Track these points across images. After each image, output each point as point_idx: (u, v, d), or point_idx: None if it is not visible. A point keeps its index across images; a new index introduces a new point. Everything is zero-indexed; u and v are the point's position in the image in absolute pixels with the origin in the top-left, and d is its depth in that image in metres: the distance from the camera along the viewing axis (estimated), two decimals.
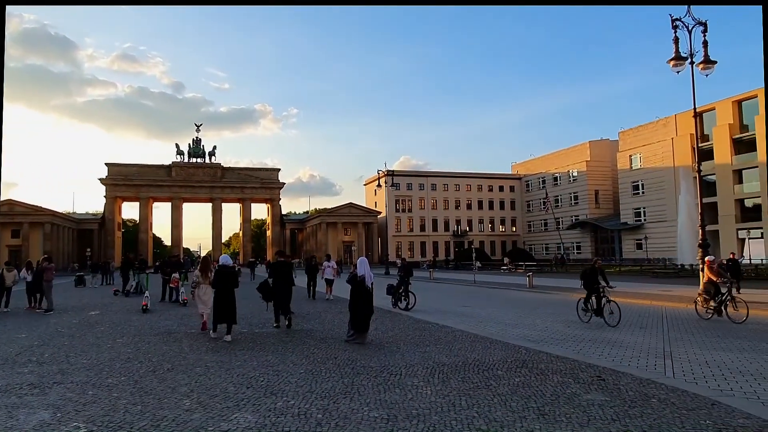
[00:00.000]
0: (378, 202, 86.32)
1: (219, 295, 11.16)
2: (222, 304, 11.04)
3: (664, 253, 55.29)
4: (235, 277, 11.67)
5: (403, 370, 7.80)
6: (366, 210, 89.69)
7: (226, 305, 11.03)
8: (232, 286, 11.27)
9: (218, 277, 11.34)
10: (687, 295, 20.07)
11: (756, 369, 7.98)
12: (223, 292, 11.12)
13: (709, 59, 18.98)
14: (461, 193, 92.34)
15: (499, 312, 17.02)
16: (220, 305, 11.08)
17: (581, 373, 7.49)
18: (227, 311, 11.00)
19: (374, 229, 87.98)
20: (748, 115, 53.61)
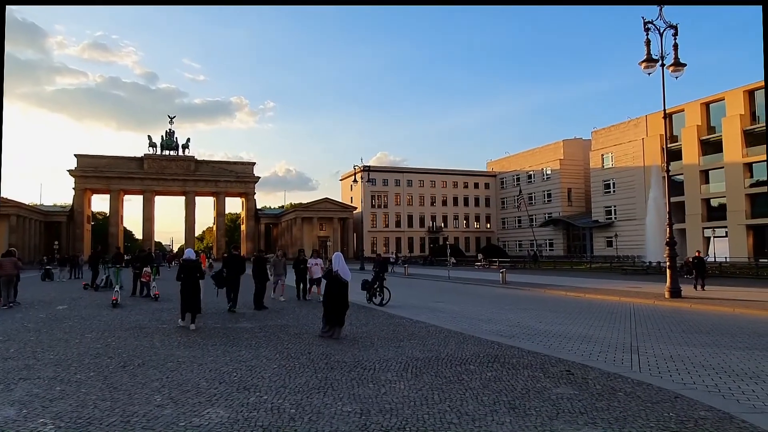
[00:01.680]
0: (354, 197, 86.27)
1: (184, 287, 11.79)
2: (187, 296, 11.71)
3: (634, 251, 56.55)
4: (199, 269, 12.31)
5: (377, 365, 7.84)
6: (342, 205, 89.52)
7: (191, 296, 11.68)
8: (197, 278, 11.89)
9: (182, 270, 11.97)
10: (654, 292, 20.61)
11: (717, 363, 8.25)
12: (188, 284, 11.73)
13: (679, 62, 19.46)
14: (437, 190, 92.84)
15: (473, 308, 17.21)
16: (185, 296, 11.75)
17: (551, 367, 7.64)
18: (192, 302, 11.67)
19: (350, 224, 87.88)
20: (715, 117, 55.11)
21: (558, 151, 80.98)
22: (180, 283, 11.86)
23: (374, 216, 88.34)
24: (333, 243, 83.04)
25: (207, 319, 13.16)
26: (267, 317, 13.73)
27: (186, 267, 11.97)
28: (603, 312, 15.53)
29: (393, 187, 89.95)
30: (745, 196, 51.10)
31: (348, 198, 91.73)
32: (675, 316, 14.51)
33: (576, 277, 33.55)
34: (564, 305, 17.83)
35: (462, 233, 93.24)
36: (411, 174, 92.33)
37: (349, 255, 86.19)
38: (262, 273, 16.00)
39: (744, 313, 15.05)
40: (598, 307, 17.16)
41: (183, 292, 11.80)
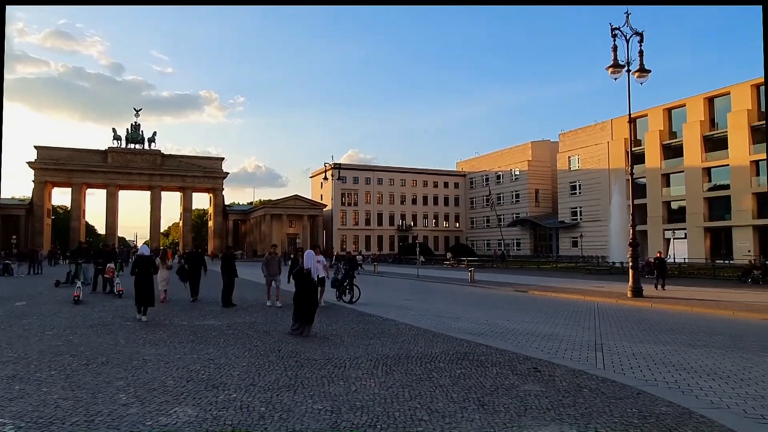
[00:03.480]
0: (324, 195, 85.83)
1: (138, 281, 12.12)
2: (141, 289, 12.10)
3: (598, 251, 57.92)
4: (153, 264, 12.92)
5: (348, 362, 7.84)
6: (312, 202, 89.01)
7: (144, 290, 12.11)
8: (150, 273, 12.41)
9: (136, 265, 12.37)
10: (617, 291, 21.16)
11: (677, 360, 8.53)
12: (142, 278, 12.15)
13: (644, 68, 20.00)
14: (407, 189, 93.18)
15: (442, 306, 17.36)
16: (139, 290, 12.12)
17: (519, 364, 7.77)
18: (146, 295, 12.13)
19: (320, 221, 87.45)
20: (676, 122, 56.88)
21: (526, 153, 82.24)
22: (134, 277, 12.32)
23: (344, 214, 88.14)
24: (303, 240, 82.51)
25: (173, 317, 12.95)
26: (235, 315, 13.57)
27: (140, 262, 12.41)
28: (568, 310, 15.86)
29: (363, 185, 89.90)
30: (704, 200, 52.89)
31: (318, 195, 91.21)
32: (637, 315, 14.92)
33: (542, 277, 34.18)
34: (531, 304, 18.15)
35: (431, 232, 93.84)
36: (381, 172, 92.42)
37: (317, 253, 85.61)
38: (231, 270, 15.81)
39: (702, 312, 15.59)
40: (563, 305, 17.52)
41: (137, 287, 12.18)
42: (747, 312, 15.04)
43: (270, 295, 16.10)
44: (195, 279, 17.26)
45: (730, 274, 31.57)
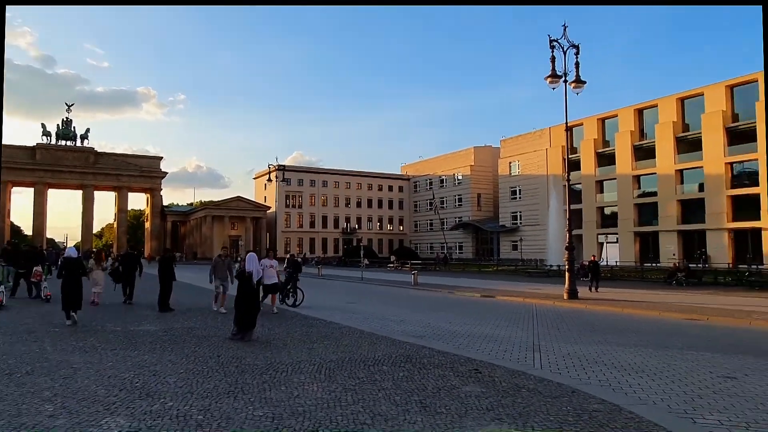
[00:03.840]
0: (268, 196, 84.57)
1: (65, 284, 11.65)
2: (69, 292, 11.71)
3: (537, 254, 59.90)
4: (82, 266, 12.59)
5: (290, 367, 7.73)
6: (255, 204, 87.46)
7: (72, 293, 11.73)
8: (79, 276, 12.09)
9: (64, 267, 11.97)
10: (554, 293, 21.93)
11: (609, 359, 8.92)
12: (70, 280, 11.75)
13: (580, 79, 20.90)
14: (352, 191, 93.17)
15: (385, 308, 17.44)
16: (66, 293, 11.70)
17: (460, 366, 7.90)
18: (74, 298, 11.76)
19: (263, 224, 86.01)
20: (609, 132, 59.70)
21: (469, 158, 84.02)
22: (61, 280, 11.88)
23: (288, 216, 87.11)
24: (245, 243, 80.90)
25: (106, 322, 12.37)
26: (173, 319, 13.11)
27: (67, 265, 12.08)
28: (508, 312, 16.29)
29: (308, 188, 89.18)
30: (634, 206, 55.75)
31: (262, 197, 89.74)
32: (572, 316, 15.52)
33: (484, 279, 34.96)
34: (472, 306, 18.52)
35: (375, 235, 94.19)
36: (326, 175, 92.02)
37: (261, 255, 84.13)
38: (168, 273, 15.28)
39: (631, 313, 16.40)
40: (503, 307, 17.99)
41: (64, 290, 11.77)
42: (672, 312, 15.94)
43: (217, 300, 15.31)
44: (129, 281, 16.98)
45: (657, 277, 33.40)
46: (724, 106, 48.40)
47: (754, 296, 21.83)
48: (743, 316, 14.74)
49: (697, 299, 20.27)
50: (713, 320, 14.54)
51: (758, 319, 14.15)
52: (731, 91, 48.72)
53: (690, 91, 52.01)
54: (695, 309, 16.65)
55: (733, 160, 47.87)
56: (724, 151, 47.94)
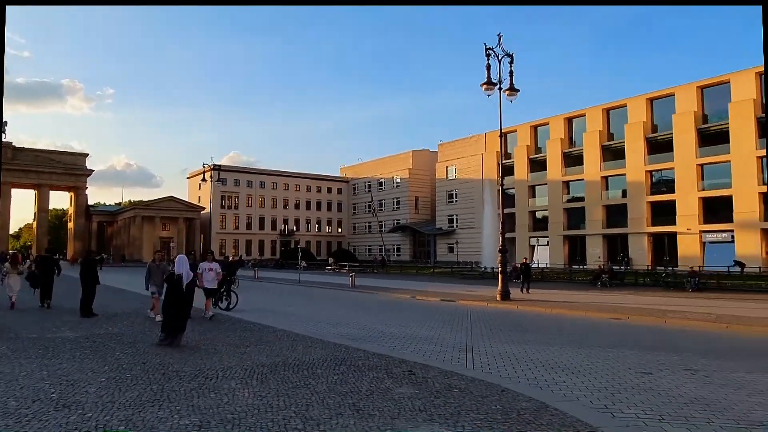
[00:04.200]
0: (202, 197, 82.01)
1: None
2: None
3: (472, 257, 61.38)
4: None
5: (220, 372, 7.51)
6: (188, 205, 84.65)
7: None
8: None
9: None
10: (488, 295, 22.50)
11: (537, 358, 9.25)
12: None
13: (513, 87, 21.58)
14: (290, 193, 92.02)
15: (322, 311, 17.31)
16: None
17: (395, 368, 7.95)
18: None
19: (197, 225, 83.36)
20: (541, 138, 62.11)
21: (407, 161, 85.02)
22: None
23: (224, 217, 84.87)
24: (177, 244, 78.10)
25: (21, 329, 11.57)
26: (95, 325, 12.44)
27: None
28: (443, 314, 16.57)
29: (245, 188, 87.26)
30: (563, 210, 58.23)
31: (196, 197, 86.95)
32: (505, 317, 15.99)
33: (420, 281, 35.41)
34: (408, 308, 18.72)
35: (314, 237, 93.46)
36: (264, 175, 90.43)
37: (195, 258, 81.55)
38: (92, 276, 14.49)
39: (559, 313, 17.10)
40: (439, 309, 18.28)
41: None
42: (596, 312, 16.76)
43: (154, 307, 13.79)
44: (47, 285, 16.36)
45: (584, 278, 35.00)
46: (645, 117, 51.47)
47: (670, 296, 23.30)
48: (659, 315, 15.70)
49: (619, 299, 21.41)
50: (633, 319, 15.39)
51: (672, 318, 15.11)
52: (651, 103, 51.91)
53: (615, 102, 54.97)
54: (617, 309, 17.58)
55: (652, 168, 50.96)
56: (644, 160, 50.96)
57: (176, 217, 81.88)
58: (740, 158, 44.06)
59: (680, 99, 48.83)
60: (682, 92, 48.81)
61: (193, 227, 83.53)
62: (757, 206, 43.27)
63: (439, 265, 61.69)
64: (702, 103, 48.15)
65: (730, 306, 18.69)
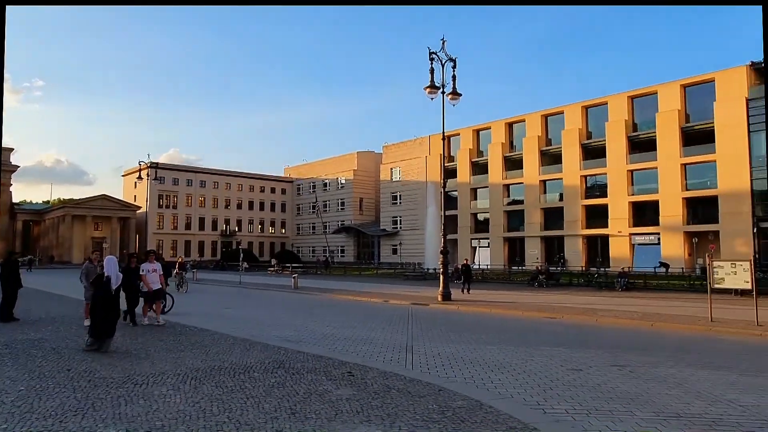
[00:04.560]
0: (139, 195, 78.81)
1: None
2: None
3: (415, 258, 62.01)
4: None
5: (151, 378, 7.22)
6: (123, 204, 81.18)
7: None
8: None
9: None
10: (429, 296, 22.80)
11: (475, 357, 9.44)
12: None
13: (456, 92, 21.97)
14: (232, 192, 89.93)
15: (263, 313, 17.01)
16: None
17: (334, 370, 7.90)
18: None
19: (132, 224, 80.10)
20: (483, 142, 63.60)
21: (352, 162, 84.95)
22: None
23: (161, 217, 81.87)
24: (111, 245, 74.76)
25: None
26: (16, 330, 11.70)
27: None
28: (385, 315, 16.64)
29: (184, 187, 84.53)
30: (504, 213, 59.83)
31: (131, 196, 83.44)
32: (445, 317, 16.24)
33: (364, 282, 35.45)
34: (351, 309, 18.68)
35: (256, 238, 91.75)
36: (205, 174, 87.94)
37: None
38: (13, 279, 13.62)
39: (498, 313, 17.55)
40: (381, 310, 18.35)
41: None
42: (532, 311, 17.30)
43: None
44: None
45: (522, 279, 36.08)
46: (580, 124, 53.68)
47: (601, 296, 24.40)
48: (591, 314, 16.40)
49: (554, 299, 22.20)
50: (566, 318, 16.00)
51: (603, 317, 15.81)
52: (586, 111, 54.21)
53: (553, 108, 57.02)
54: (552, 308, 18.22)
55: (586, 173, 53.19)
56: (579, 165, 53.14)
57: (110, 217, 78.39)
58: (666, 165, 46.72)
59: (612, 108, 51.26)
60: (614, 101, 51.27)
61: (128, 227, 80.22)
62: (681, 210, 46.01)
63: (383, 266, 61.96)
64: (632, 112, 50.75)
65: (655, 305, 19.77)
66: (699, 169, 45.67)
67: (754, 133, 41.76)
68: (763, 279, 24.38)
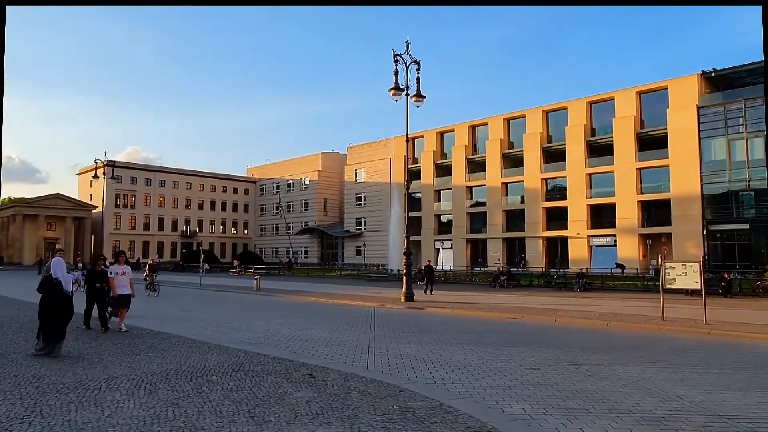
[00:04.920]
0: (94, 195, 76.32)
1: None
2: None
3: (379, 259, 62.10)
4: None
5: (104, 383, 6.99)
6: (78, 203, 78.42)
7: None
8: None
9: None
10: (392, 297, 22.87)
11: (436, 358, 9.50)
12: None
13: (420, 94, 22.14)
14: (193, 192, 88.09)
15: (223, 315, 16.71)
16: None
17: (294, 372, 7.82)
18: None
19: (87, 225, 77.48)
20: (447, 144, 64.26)
21: (317, 163, 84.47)
22: None
23: (118, 217, 79.53)
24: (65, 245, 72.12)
25: None
26: None
27: None
28: (348, 316, 16.60)
29: (143, 186, 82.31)
30: (466, 214, 60.58)
31: (87, 195, 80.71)
32: (408, 318, 16.30)
33: (327, 284, 35.28)
34: (313, 311, 18.56)
35: (218, 239, 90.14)
36: (164, 174, 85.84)
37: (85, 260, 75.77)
38: None
39: (460, 314, 17.72)
40: (344, 311, 18.29)
41: None
42: (493, 312, 17.56)
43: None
44: None
45: (484, 280, 36.59)
46: (541, 128, 54.86)
47: (561, 296, 24.96)
48: (550, 314, 16.75)
49: (515, 300, 22.59)
50: (526, 318, 16.30)
51: (561, 317, 16.18)
52: (546, 115, 55.43)
53: (515, 112, 58.09)
54: (513, 309, 18.54)
55: (547, 176, 54.38)
56: (540, 168, 54.28)
57: (64, 217, 75.61)
58: (622, 169, 48.20)
59: (572, 113, 52.58)
60: (574, 106, 52.60)
61: (83, 227, 77.58)
62: (636, 213, 47.54)
63: (347, 267, 61.81)
64: (591, 117, 52.18)
65: (611, 305, 20.35)
66: (653, 174, 47.31)
67: (704, 139, 43.52)
68: (711, 279, 25.44)
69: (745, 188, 41.77)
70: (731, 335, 12.84)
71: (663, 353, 10.46)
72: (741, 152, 41.71)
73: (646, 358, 9.85)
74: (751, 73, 43.30)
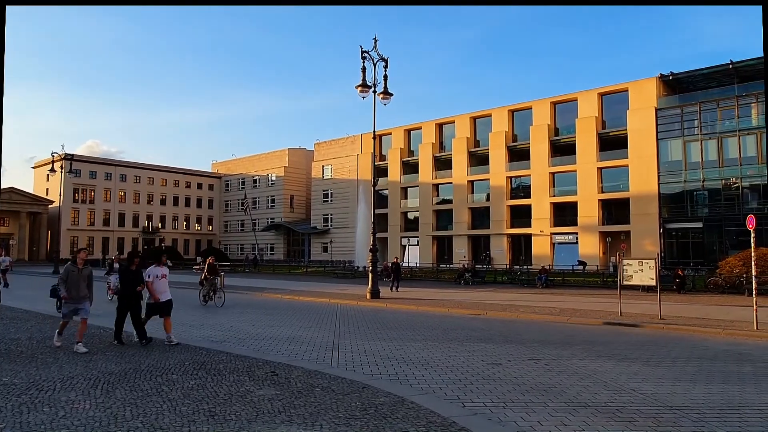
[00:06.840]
0: (51, 189, 73.80)
1: None
2: None
3: (345, 256, 62.01)
4: None
5: (59, 384, 6.80)
6: (33, 197, 75.68)
7: None
8: None
9: None
10: (358, 293, 22.88)
11: (400, 354, 9.57)
12: None
13: (387, 91, 22.18)
14: (155, 187, 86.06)
15: (184, 313, 16.39)
16: None
17: (257, 370, 7.77)
18: None
19: (43, 220, 74.88)
20: (414, 142, 64.55)
21: (283, 159, 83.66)
22: None
23: (77, 212, 77.06)
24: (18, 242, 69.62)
25: None
26: None
27: None
28: (313, 313, 16.54)
29: (103, 181, 79.94)
30: (433, 212, 61.03)
31: (43, 190, 77.99)
32: (373, 315, 16.34)
33: (293, 281, 35.03)
34: (278, 308, 18.41)
35: (182, 235, 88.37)
36: (125, 168, 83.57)
37: (40, 256, 73.37)
38: None
39: (425, 310, 17.88)
40: (309, 308, 18.21)
41: None
42: (458, 308, 17.76)
43: (61, 331, 9.76)
44: None
45: (449, 277, 36.97)
46: (507, 127, 55.68)
47: (524, 292, 25.43)
48: (512, 310, 17.06)
49: (479, 296, 22.91)
50: (490, 314, 16.56)
51: (523, 313, 16.50)
52: (512, 114, 56.31)
53: (481, 111, 58.76)
54: (477, 305, 18.80)
55: (512, 174, 55.25)
56: (505, 166, 55.10)
57: (18, 212, 72.85)
58: (584, 168, 49.37)
59: (536, 112, 53.54)
60: (538, 106, 53.56)
61: (38, 222, 74.95)
62: (597, 212, 48.79)
63: (313, 264, 61.46)
64: (554, 117, 53.23)
65: (572, 300, 20.85)
66: (613, 173, 48.62)
67: (661, 140, 44.96)
68: (666, 276, 26.34)
69: (699, 188, 43.38)
70: (684, 330, 13.35)
71: (619, 348, 10.80)
72: (696, 153, 43.28)
73: (602, 352, 10.15)
74: (706, 78, 45.00)
